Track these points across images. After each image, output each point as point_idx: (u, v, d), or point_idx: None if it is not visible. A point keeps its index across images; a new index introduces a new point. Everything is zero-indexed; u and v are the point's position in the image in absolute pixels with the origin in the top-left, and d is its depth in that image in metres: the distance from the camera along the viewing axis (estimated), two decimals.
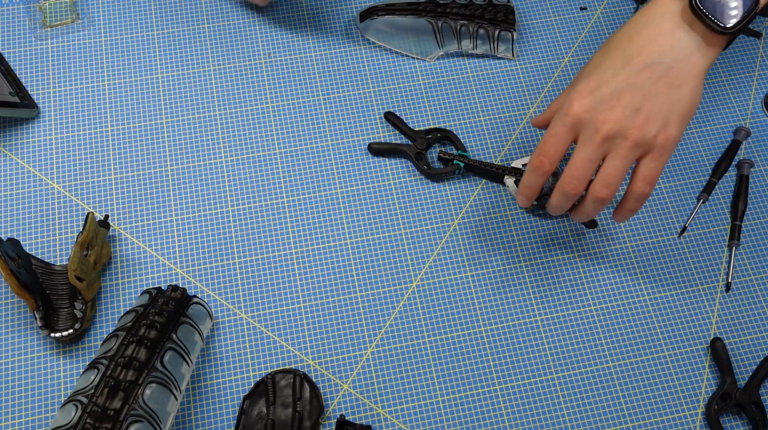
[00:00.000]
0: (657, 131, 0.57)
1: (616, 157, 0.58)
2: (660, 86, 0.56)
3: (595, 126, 0.57)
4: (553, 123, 0.60)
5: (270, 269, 0.74)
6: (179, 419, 0.67)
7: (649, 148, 0.58)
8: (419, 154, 0.77)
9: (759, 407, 0.69)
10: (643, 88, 0.56)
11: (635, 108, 0.56)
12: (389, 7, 0.82)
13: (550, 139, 0.60)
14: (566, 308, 0.73)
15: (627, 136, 0.57)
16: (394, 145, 0.77)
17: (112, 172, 0.77)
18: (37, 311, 0.66)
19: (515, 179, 0.73)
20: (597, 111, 0.57)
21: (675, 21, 0.56)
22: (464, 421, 0.69)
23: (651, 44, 0.56)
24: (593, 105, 0.57)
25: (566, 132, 0.59)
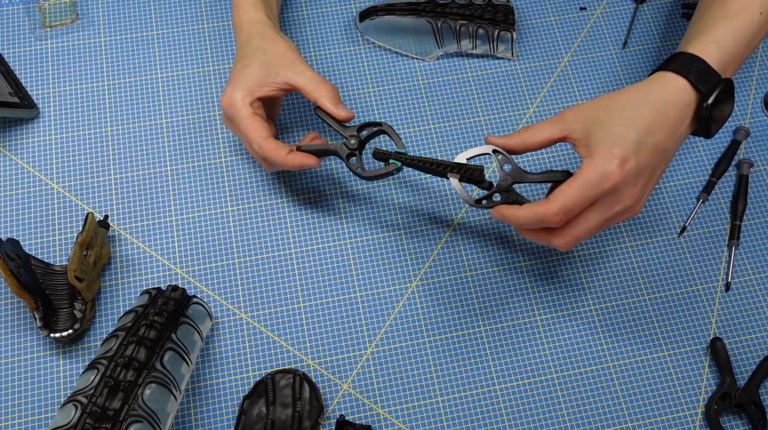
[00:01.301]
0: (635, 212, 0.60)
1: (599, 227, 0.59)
2: (661, 170, 0.60)
3: (621, 198, 0.57)
4: (589, 184, 0.56)
5: (270, 269, 0.74)
6: (179, 419, 0.67)
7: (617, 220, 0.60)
8: (351, 155, 0.68)
9: (759, 407, 0.69)
10: (655, 171, 0.59)
11: (645, 187, 0.59)
12: (389, 7, 0.82)
13: (581, 201, 0.56)
14: (566, 308, 0.73)
15: (628, 210, 0.59)
16: (322, 145, 0.69)
17: (112, 172, 0.77)
18: (37, 312, 0.66)
19: (459, 177, 0.64)
20: (628, 185, 0.57)
21: (690, 114, 0.59)
22: (464, 421, 0.69)
23: (674, 132, 0.58)
24: (629, 177, 0.56)
25: (597, 196, 0.56)
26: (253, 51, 0.69)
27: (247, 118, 0.67)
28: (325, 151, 0.69)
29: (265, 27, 0.70)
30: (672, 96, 0.58)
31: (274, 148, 0.66)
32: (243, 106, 0.67)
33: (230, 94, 0.67)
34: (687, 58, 0.59)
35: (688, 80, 0.58)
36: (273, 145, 0.67)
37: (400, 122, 0.81)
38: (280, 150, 0.67)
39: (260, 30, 0.70)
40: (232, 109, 0.67)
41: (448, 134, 0.80)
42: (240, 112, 0.67)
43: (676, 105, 0.58)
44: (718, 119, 0.60)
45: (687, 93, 0.59)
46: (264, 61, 0.68)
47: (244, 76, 0.68)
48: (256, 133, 0.67)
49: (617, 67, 0.84)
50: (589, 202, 0.57)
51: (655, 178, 0.60)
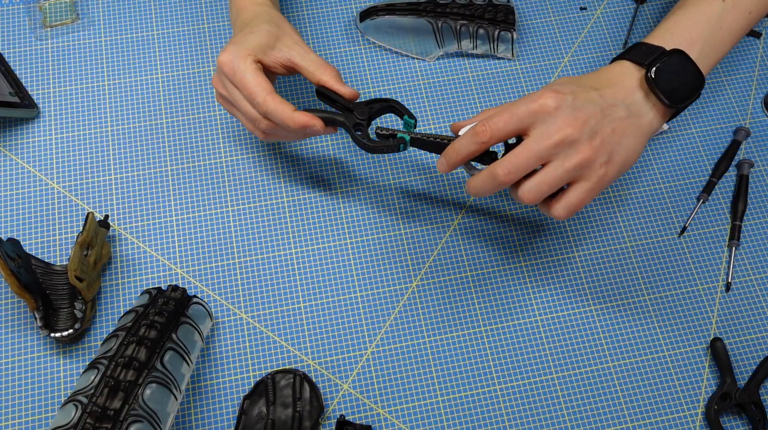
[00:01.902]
0: (602, 162, 0.58)
1: (559, 168, 0.57)
2: (616, 125, 0.59)
3: (556, 125, 0.56)
4: (516, 103, 0.57)
5: (270, 269, 0.74)
6: (179, 419, 0.67)
7: (587, 174, 0.58)
8: (358, 126, 0.66)
9: (759, 407, 0.69)
10: (605, 117, 0.58)
11: (594, 129, 0.57)
12: (389, 7, 0.82)
13: (506, 115, 0.57)
14: (566, 308, 0.73)
15: (579, 150, 0.57)
16: (328, 113, 0.66)
17: (112, 172, 0.77)
18: (37, 311, 0.66)
19: None
20: (562, 111, 0.57)
21: (635, 83, 0.61)
22: (464, 421, 0.69)
23: (619, 90, 0.60)
24: (561, 104, 0.57)
25: (527, 116, 0.57)
26: (260, 23, 0.66)
27: (251, 72, 0.63)
28: (331, 119, 0.66)
29: (271, 9, 0.69)
30: (615, 70, 0.62)
31: (279, 102, 0.63)
32: (247, 61, 0.63)
33: (232, 50, 0.64)
34: (636, 47, 0.62)
35: (629, 60, 0.62)
36: (279, 100, 0.63)
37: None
38: (286, 106, 0.63)
39: (267, 11, 0.68)
40: (234, 64, 0.63)
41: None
42: (242, 66, 0.63)
43: (619, 76, 0.61)
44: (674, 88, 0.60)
45: (630, 67, 0.61)
46: (271, 33, 0.66)
47: (249, 40, 0.65)
48: (260, 86, 0.63)
49: None
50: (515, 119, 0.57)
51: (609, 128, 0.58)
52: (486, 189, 0.59)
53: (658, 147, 0.81)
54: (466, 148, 0.59)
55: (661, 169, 0.80)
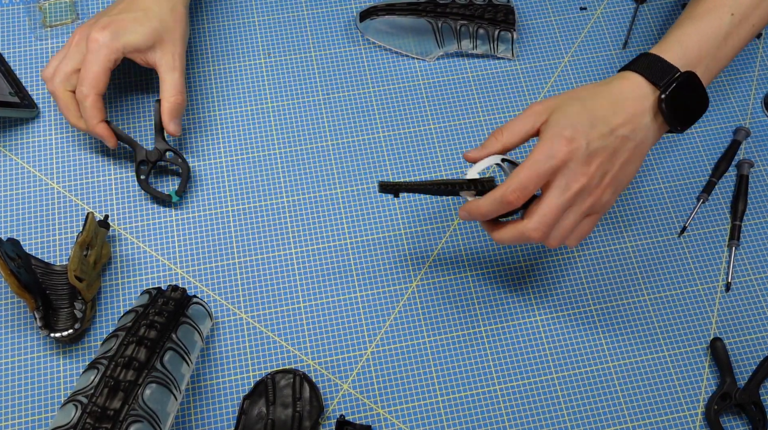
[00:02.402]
0: (609, 198, 0.61)
1: (577, 212, 0.60)
2: (625, 158, 0.61)
3: (575, 176, 0.58)
4: (538, 162, 0.58)
5: (270, 269, 0.74)
6: (179, 419, 0.67)
7: (595, 211, 0.61)
8: (144, 162, 0.74)
9: (759, 407, 0.69)
10: (615, 154, 0.60)
11: (605, 171, 0.60)
12: (389, 7, 0.82)
13: (533, 178, 0.58)
14: (566, 308, 0.73)
15: (591, 193, 0.60)
16: (129, 138, 0.73)
17: (112, 172, 0.77)
18: (37, 311, 0.66)
19: (475, 193, 0.63)
20: (578, 161, 0.58)
21: (649, 106, 0.61)
22: (464, 421, 0.69)
23: (631, 120, 0.60)
24: (577, 155, 0.58)
25: (549, 173, 0.58)
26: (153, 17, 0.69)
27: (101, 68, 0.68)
28: (128, 141, 0.73)
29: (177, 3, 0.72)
30: (628, 90, 0.62)
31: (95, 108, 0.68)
32: (107, 58, 0.68)
33: (107, 39, 0.68)
34: (647, 58, 0.63)
35: (643, 76, 0.61)
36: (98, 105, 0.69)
37: (400, 122, 0.81)
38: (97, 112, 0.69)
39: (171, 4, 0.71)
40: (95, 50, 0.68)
41: (448, 134, 0.80)
42: (99, 58, 0.67)
43: (632, 97, 0.61)
44: (683, 113, 0.62)
45: (644, 87, 0.61)
46: (155, 34, 0.69)
47: (130, 30, 0.68)
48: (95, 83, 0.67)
49: (617, 67, 0.84)
50: (541, 178, 0.58)
51: (618, 164, 0.60)
52: (515, 242, 0.61)
53: (658, 147, 0.81)
54: (496, 211, 0.60)
55: (661, 169, 0.80)
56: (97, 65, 0.68)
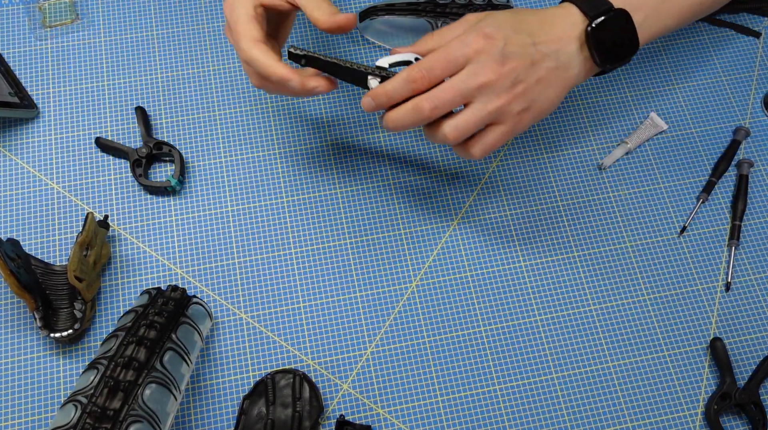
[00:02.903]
0: (520, 110, 0.59)
1: (479, 110, 0.58)
2: (542, 75, 0.60)
3: (483, 70, 0.57)
4: (451, 47, 0.58)
5: (270, 269, 0.74)
6: (179, 419, 0.67)
7: (503, 120, 0.60)
8: (138, 162, 0.74)
9: (759, 407, 0.69)
10: (533, 67, 0.59)
11: (518, 78, 0.58)
12: (389, 7, 0.82)
13: (442, 60, 0.57)
14: (566, 308, 0.73)
15: (499, 95, 0.58)
16: (117, 145, 0.75)
17: (112, 172, 0.77)
18: (37, 311, 0.66)
19: (380, 81, 0.61)
20: (491, 57, 0.57)
21: (576, 34, 0.61)
22: (464, 421, 0.69)
23: (556, 40, 0.60)
24: (491, 50, 0.57)
25: (461, 61, 0.57)
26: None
27: (243, 17, 0.61)
28: (118, 149, 0.75)
29: None
30: (560, 14, 0.62)
31: (263, 51, 0.60)
32: (243, 7, 0.61)
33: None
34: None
35: (576, 5, 0.62)
36: (262, 48, 0.60)
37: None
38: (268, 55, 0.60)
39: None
40: (231, 9, 0.61)
41: None
42: (237, 9, 0.61)
43: (562, 22, 0.61)
44: (610, 49, 0.61)
45: (575, 15, 0.61)
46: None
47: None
48: (247, 33, 0.60)
49: None
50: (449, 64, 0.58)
51: (534, 78, 0.59)
52: (408, 122, 0.60)
53: (658, 147, 0.81)
54: (399, 93, 0.59)
55: (661, 169, 0.80)
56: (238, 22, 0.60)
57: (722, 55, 0.86)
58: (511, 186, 0.78)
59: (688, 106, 0.83)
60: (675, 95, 0.83)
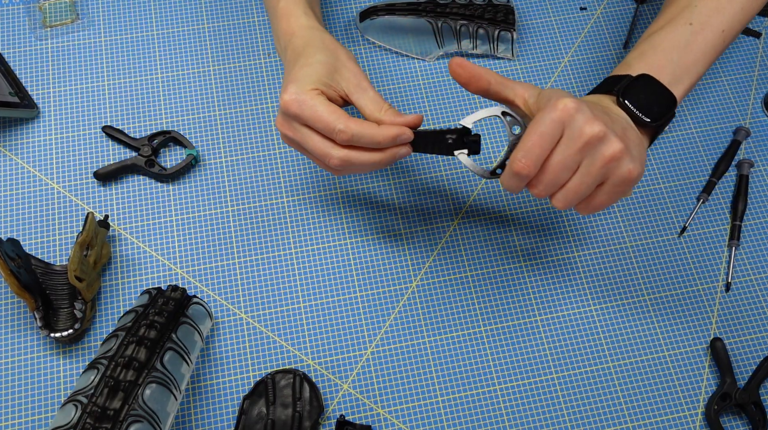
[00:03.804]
0: (631, 166, 0.55)
1: (587, 174, 0.55)
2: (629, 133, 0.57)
3: (582, 127, 0.54)
4: (538, 119, 0.54)
5: (270, 269, 0.74)
6: (179, 419, 0.67)
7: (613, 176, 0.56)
8: (149, 162, 0.75)
9: (759, 407, 0.69)
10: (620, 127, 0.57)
11: (617, 133, 0.55)
12: (389, 7, 0.82)
13: (536, 138, 0.54)
14: (566, 308, 0.73)
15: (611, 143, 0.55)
16: (119, 164, 0.75)
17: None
18: (37, 311, 0.66)
19: (468, 152, 0.60)
20: (583, 113, 0.54)
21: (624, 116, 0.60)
22: (464, 421, 0.69)
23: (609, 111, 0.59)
24: (581, 107, 0.54)
25: (554, 128, 0.54)
26: (314, 53, 0.62)
27: (323, 104, 0.59)
28: (122, 167, 0.75)
29: (323, 34, 0.64)
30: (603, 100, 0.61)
31: (361, 122, 0.58)
32: (314, 95, 0.59)
33: (294, 90, 0.59)
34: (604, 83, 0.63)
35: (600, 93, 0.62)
36: (359, 120, 0.58)
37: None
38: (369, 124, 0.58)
39: (319, 36, 0.64)
40: (300, 103, 0.59)
41: None
42: (310, 101, 0.59)
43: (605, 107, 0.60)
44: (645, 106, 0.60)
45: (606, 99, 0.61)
46: (327, 64, 0.61)
47: (307, 73, 0.60)
48: (336, 114, 0.58)
49: None
50: (547, 138, 0.54)
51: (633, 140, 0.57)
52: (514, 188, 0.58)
53: (658, 147, 0.81)
54: (518, 186, 0.57)
55: (661, 169, 0.80)
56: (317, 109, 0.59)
57: (722, 55, 0.86)
58: None
59: (688, 106, 0.83)
60: None
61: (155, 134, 0.77)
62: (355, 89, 0.61)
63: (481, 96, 0.63)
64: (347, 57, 0.63)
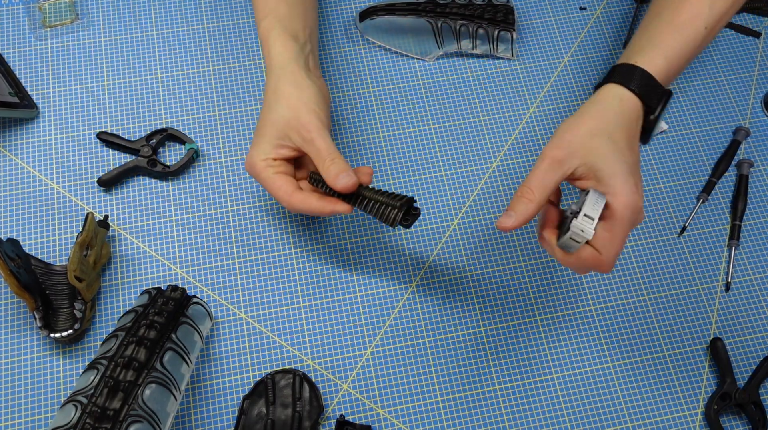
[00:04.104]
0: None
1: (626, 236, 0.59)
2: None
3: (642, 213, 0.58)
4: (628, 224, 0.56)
5: (270, 269, 0.74)
6: (179, 419, 0.67)
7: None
8: (151, 162, 0.75)
9: (758, 407, 0.69)
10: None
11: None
12: (389, 7, 0.82)
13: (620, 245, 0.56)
14: (566, 308, 0.73)
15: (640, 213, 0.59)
16: (121, 168, 0.75)
17: None
18: (37, 311, 0.66)
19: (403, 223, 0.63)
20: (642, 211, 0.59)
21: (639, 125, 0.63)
22: (464, 421, 0.69)
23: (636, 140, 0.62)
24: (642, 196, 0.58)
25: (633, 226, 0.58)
26: (269, 107, 0.66)
27: (269, 179, 0.64)
28: (125, 171, 0.75)
29: (282, 72, 0.66)
30: (633, 114, 0.61)
31: (302, 200, 0.64)
32: (263, 168, 0.64)
33: (249, 158, 0.65)
34: (639, 73, 0.62)
35: (641, 99, 0.61)
36: (300, 197, 0.64)
37: (400, 122, 0.81)
38: (311, 198, 0.64)
39: (275, 80, 0.66)
40: (255, 174, 0.65)
41: (448, 134, 0.80)
42: (261, 175, 0.65)
43: (636, 120, 0.61)
44: (654, 128, 0.64)
45: (639, 109, 0.62)
46: (277, 121, 0.65)
47: (260, 138, 0.65)
48: (281, 191, 0.64)
49: None
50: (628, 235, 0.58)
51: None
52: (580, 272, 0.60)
53: (658, 147, 0.81)
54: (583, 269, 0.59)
55: (661, 169, 0.80)
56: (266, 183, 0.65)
57: (722, 55, 0.86)
58: (511, 186, 0.78)
59: (688, 106, 0.83)
60: (675, 95, 0.83)
61: (152, 134, 0.77)
62: (302, 143, 0.64)
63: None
64: (299, 104, 0.65)
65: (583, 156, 0.58)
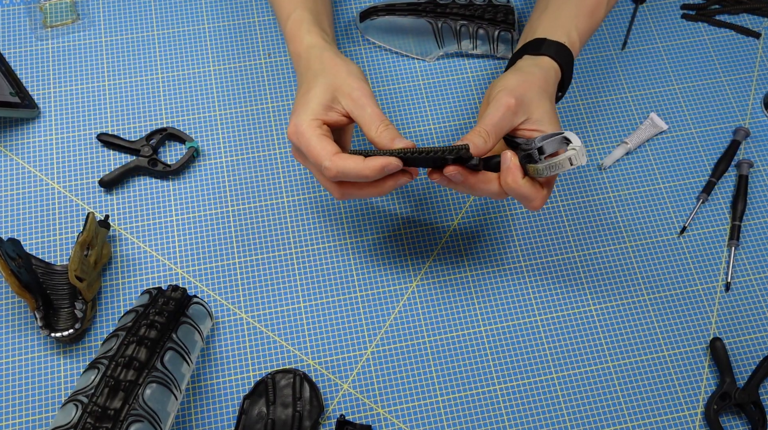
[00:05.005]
0: None
1: None
2: None
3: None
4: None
5: (270, 269, 0.74)
6: (179, 419, 0.68)
7: None
8: (152, 161, 0.75)
9: (758, 407, 0.69)
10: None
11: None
12: (389, 7, 0.82)
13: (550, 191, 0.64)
14: (566, 308, 0.73)
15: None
16: (123, 168, 0.75)
17: None
18: (38, 311, 0.66)
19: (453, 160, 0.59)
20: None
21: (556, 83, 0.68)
22: (464, 421, 0.69)
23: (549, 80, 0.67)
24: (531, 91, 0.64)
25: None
26: (314, 76, 0.64)
27: (315, 139, 0.60)
28: (126, 171, 0.75)
29: (323, 50, 0.66)
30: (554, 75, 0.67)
31: (346, 158, 0.59)
32: (309, 129, 0.61)
33: (294, 122, 0.62)
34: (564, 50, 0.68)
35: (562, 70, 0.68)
36: (345, 156, 0.59)
37: (400, 122, 0.81)
38: (354, 158, 0.59)
39: (318, 54, 0.66)
40: (298, 136, 0.61)
41: (448, 134, 0.80)
42: (306, 135, 0.61)
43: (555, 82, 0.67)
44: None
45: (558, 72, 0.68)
46: (326, 85, 0.63)
47: (307, 102, 0.63)
48: (324, 151, 0.60)
49: (617, 67, 0.84)
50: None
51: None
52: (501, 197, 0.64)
53: (658, 147, 0.81)
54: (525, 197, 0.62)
55: (661, 169, 0.80)
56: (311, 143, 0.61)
57: (722, 55, 0.86)
58: None
59: (688, 107, 0.83)
60: (675, 95, 0.83)
61: (152, 133, 0.77)
62: (353, 107, 0.62)
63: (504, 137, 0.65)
64: (347, 73, 0.64)
65: (532, 112, 0.62)
